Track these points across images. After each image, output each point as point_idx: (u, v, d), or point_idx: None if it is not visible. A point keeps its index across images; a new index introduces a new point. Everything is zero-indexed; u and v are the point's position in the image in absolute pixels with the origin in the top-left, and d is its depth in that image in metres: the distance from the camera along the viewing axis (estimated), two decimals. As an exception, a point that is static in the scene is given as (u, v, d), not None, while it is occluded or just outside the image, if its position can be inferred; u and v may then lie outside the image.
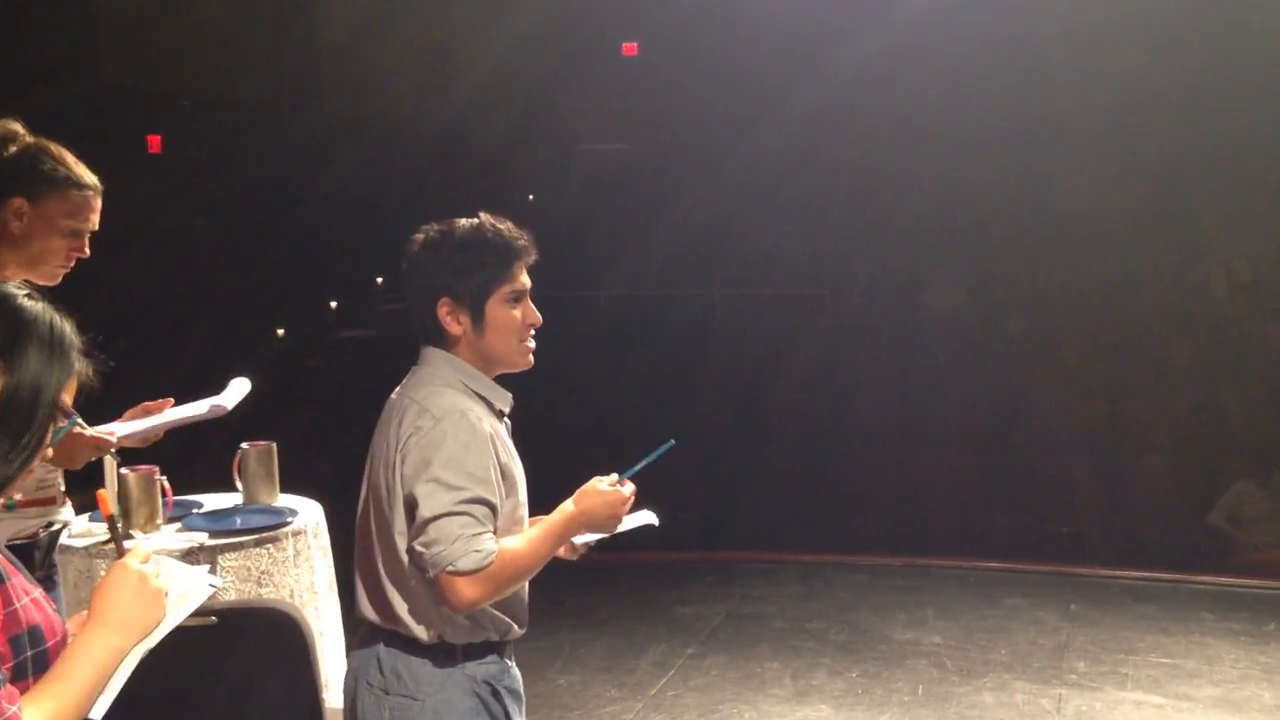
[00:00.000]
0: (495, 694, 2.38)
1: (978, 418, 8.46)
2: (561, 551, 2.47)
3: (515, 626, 2.42)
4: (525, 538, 2.33)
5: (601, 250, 10.50)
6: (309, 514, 3.50)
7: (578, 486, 2.64)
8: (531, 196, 11.46)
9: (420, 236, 2.41)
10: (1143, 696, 4.92)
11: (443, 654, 2.33)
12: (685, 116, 11.08)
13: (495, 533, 2.27)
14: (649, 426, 8.77)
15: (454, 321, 2.36)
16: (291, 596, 3.32)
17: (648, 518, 2.60)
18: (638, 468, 2.47)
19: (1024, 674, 5.16)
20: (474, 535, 2.21)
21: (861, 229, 10.19)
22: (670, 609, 6.08)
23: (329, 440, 7.83)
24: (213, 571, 3.12)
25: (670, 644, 5.56)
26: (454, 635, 2.32)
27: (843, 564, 6.82)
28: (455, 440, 2.25)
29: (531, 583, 2.45)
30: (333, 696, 3.35)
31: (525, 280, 2.39)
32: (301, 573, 3.40)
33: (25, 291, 1.64)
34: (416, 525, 2.24)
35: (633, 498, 2.45)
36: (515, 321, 2.37)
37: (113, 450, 3.01)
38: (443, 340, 2.38)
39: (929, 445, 8.40)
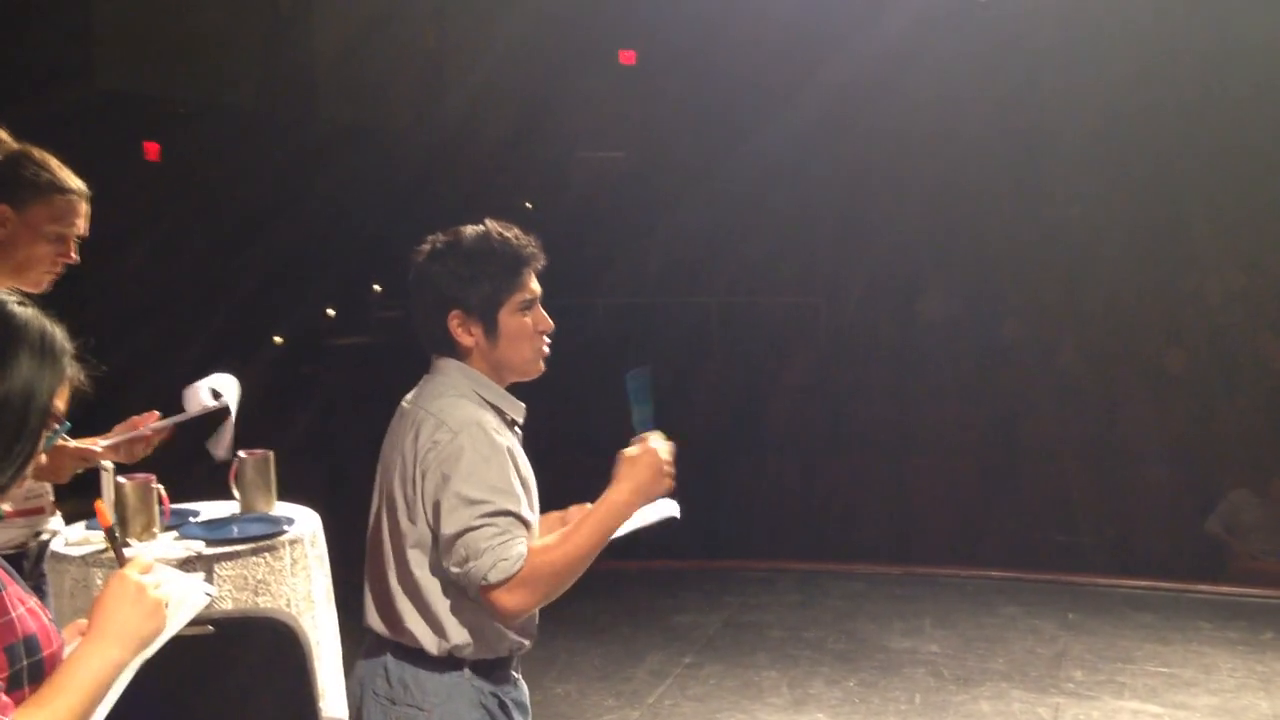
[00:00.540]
0: (502, 706, 2.35)
1: (974, 426, 8.46)
2: None
3: (526, 643, 2.39)
4: (563, 533, 2.26)
5: (599, 257, 10.51)
6: (306, 522, 3.48)
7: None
8: (529, 204, 11.47)
9: (426, 247, 2.36)
10: (1140, 705, 4.91)
11: (450, 665, 2.30)
12: (682, 124, 11.10)
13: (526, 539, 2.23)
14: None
15: (465, 333, 2.32)
16: (289, 605, 3.30)
17: (669, 509, 2.48)
18: (639, 414, 2.36)
19: (1021, 683, 5.15)
20: (499, 544, 2.18)
21: (857, 237, 10.21)
22: (668, 617, 6.07)
23: (326, 448, 7.82)
24: (209, 580, 3.11)
25: (667, 652, 5.55)
26: (463, 651, 2.29)
27: (840, 572, 6.81)
28: (474, 453, 2.21)
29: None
30: (330, 706, 3.34)
31: (535, 287, 2.36)
32: (299, 581, 3.38)
33: (16, 298, 1.63)
34: (443, 545, 2.21)
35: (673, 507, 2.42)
36: (528, 329, 2.34)
37: (100, 463, 2.98)
38: (454, 351, 2.35)
39: (925, 453, 8.41)
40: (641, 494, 2.29)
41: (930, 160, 9.94)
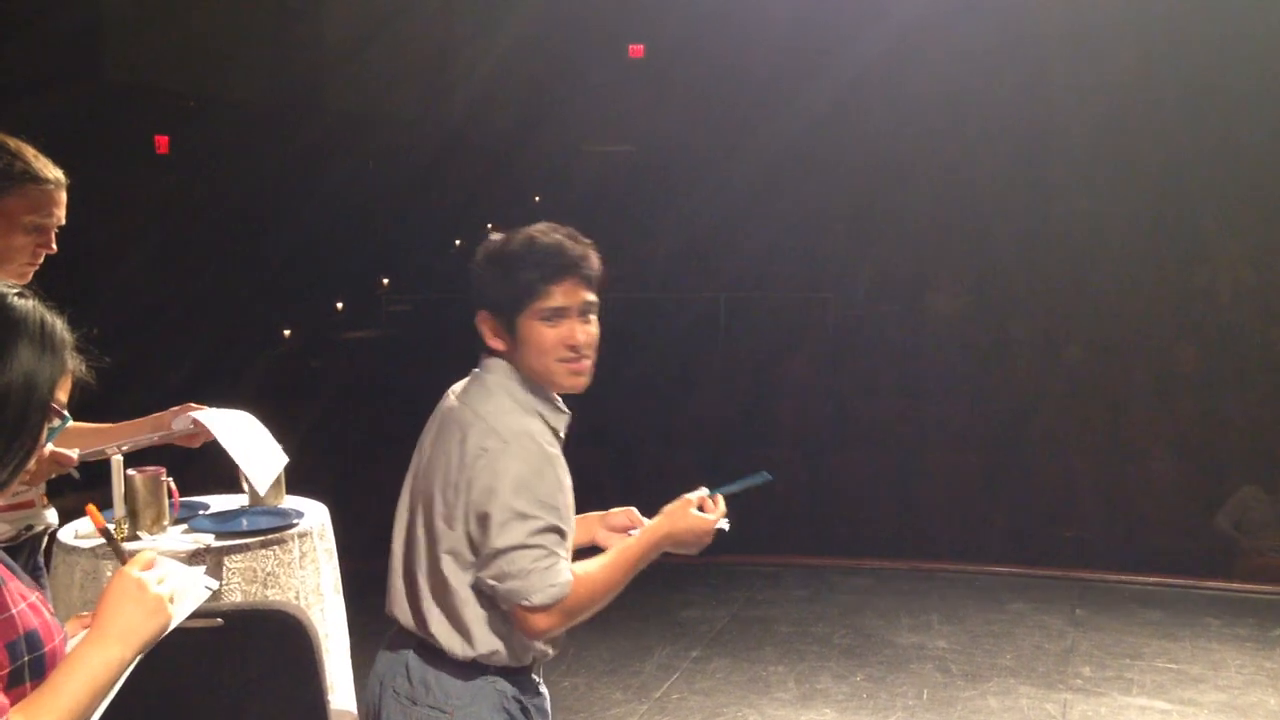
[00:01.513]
0: (524, 710, 2.33)
1: (983, 421, 8.45)
2: None
3: (551, 651, 2.38)
4: (602, 564, 2.28)
5: (605, 251, 10.48)
6: (315, 515, 3.49)
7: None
8: (537, 197, 11.47)
9: (482, 244, 2.34)
10: (1148, 702, 4.90)
11: (473, 668, 2.27)
12: (690, 118, 11.09)
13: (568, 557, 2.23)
14: (652, 429, 8.78)
15: (493, 335, 2.29)
16: (297, 598, 3.30)
17: (720, 523, 2.48)
18: (728, 489, 2.40)
19: (1029, 679, 5.15)
20: (547, 568, 2.16)
21: (865, 231, 10.19)
22: (675, 612, 6.07)
23: (335, 441, 7.83)
24: (218, 573, 3.12)
25: (675, 647, 5.56)
26: (489, 659, 2.27)
27: (848, 568, 6.81)
28: (525, 465, 2.17)
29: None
30: (338, 698, 3.34)
31: (564, 298, 2.26)
32: (307, 574, 3.39)
33: (16, 290, 1.61)
34: (485, 556, 2.18)
35: (722, 519, 2.39)
36: (548, 341, 2.26)
37: (112, 456, 2.94)
38: (495, 352, 2.31)
39: (934, 448, 8.39)
40: (677, 543, 2.37)
41: (937, 155, 9.92)
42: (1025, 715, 4.77)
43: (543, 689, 2.42)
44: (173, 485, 3.37)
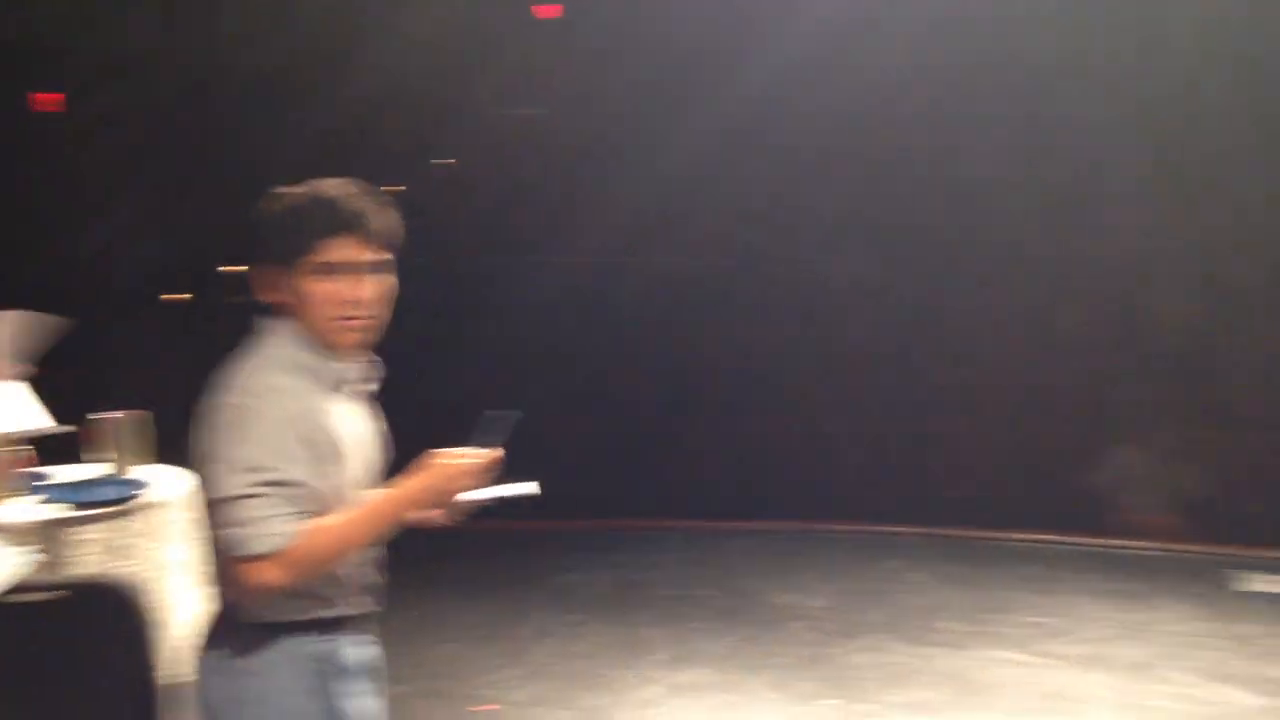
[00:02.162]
0: (327, 673, 2.31)
1: (870, 383, 8.56)
2: (438, 516, 2.36)
3: (339, 601, 2.33)
4: (339, 519, 2.23)
5: (526, 220, 10.42)
6: (179, 486, 3.49)
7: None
8: (452, 161, 11.36)
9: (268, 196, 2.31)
10: (1011, 655, 5.05)
11: (274, 631, 2.26)
12: (613, 83, 10.98)
13: (310, 513, 2.18)
14: (548, 400, 8.80)
15: (272, 291, 2.26)
16: (149, 569, 3.32)
17: (528, 488, 2.41)
18: (483, 439, 2.31)
19: (898, 634, 5.28)
20: (267, 518, 2.13)
21: (780, 202, 10.17)
22: (556, 577, 6.13)
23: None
24: (58, 543, 3.13)
25: (553, 611, 5.62)
26: (270, 614, 2.25)
27: (731, 530, 6.93)
28: (261, 420, 2.16)
29: (411, 550, 2.35)
30: (185, 671, 3.37)
31: (340, 253, 2.22)
32: (161, 546, 3.40)
33: None
34: (211, 508, 2.18)
35: (484, 465, 2.27)
36: (321, 296, 2.23)
37: None
38: (272, 309, 2.28)
39: (822, 413, 8.50)
40: (424, 495, 2.27)
41: (870, 133, 9.84)
42: (890, 671, 4.90)
43: (352, 649, 2.37)
44: (29, 453, 3.36)
